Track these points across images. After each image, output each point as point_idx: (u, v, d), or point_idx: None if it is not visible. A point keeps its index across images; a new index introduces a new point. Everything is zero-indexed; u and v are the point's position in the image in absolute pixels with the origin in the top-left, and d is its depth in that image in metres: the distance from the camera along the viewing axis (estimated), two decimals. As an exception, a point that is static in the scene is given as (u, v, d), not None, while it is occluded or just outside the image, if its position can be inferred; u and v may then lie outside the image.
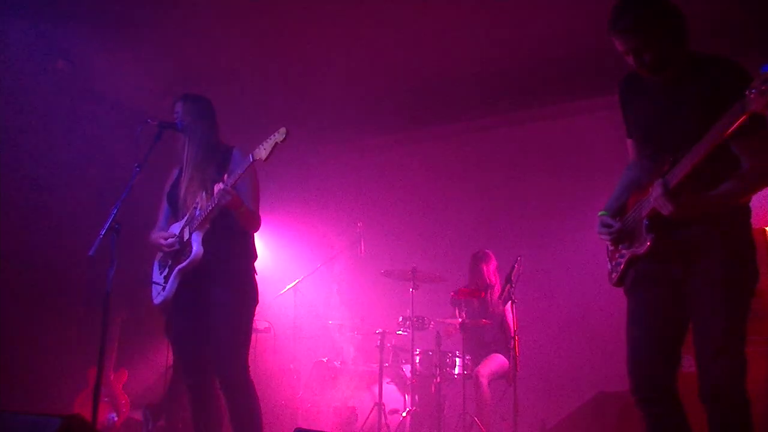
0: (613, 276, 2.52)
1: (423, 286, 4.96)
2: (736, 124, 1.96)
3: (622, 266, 2.45)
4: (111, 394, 5.30)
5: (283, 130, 2.86)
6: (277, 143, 2.86)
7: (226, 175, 3.01)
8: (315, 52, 5.29)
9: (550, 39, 5.05)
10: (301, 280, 5.66)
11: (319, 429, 3.13)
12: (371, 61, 5.43)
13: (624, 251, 2.45)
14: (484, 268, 5.18)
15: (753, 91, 1.89)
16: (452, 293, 4.95)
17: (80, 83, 5.48)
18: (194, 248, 3.04)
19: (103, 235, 2.86)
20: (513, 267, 4.53)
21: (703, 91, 2.25)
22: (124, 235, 2.89)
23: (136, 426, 5.16)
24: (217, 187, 2.96)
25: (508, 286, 4.52)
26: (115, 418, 5.28)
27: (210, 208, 2.99)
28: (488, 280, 5.15)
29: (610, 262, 2.55)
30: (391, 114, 6.28)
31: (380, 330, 4.97)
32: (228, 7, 4.71)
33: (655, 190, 2.19)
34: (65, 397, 5.19)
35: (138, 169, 3.05)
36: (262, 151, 2.89)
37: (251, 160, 2.92)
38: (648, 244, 2.28)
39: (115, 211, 2.91)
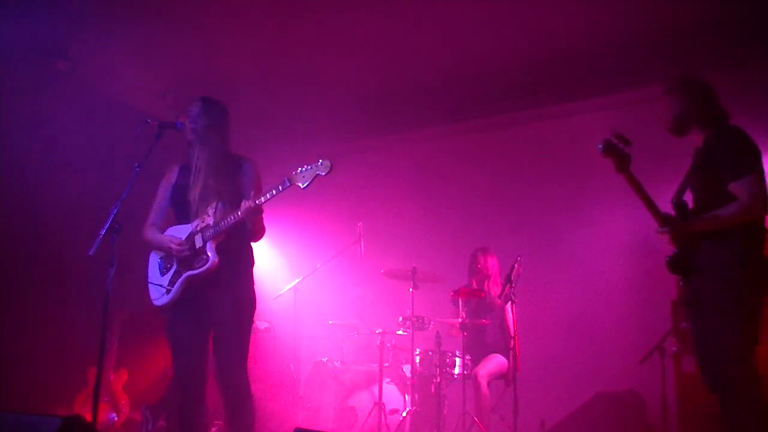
0: (679, 291, 3.36)
1: (423, 286, 4.96)
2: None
3: (682, 282, 3.11)
4: (111, 394, 5.31)
5: (327, 163, 2.93)
6: (318, 175, 2.92)
7: (253, 192, 3.06)
8: (315, 53, 5.29)
9: (549, 39, 5.05)
10: (301, 280, 5.66)
11: (319, 429, 3.14)
12: (371, 62, 5.43)
13: None
14: (481, 258, 5.18)
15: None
16: (452, 293, 4.94)
17: (80, 83, 5.48)
18: (211, 257, 3.11)
19: (103, 235, 2.87)
20: (513, 267, 4.52)
21: (707, 161, 2.94)
22: (124, 235, 2.89)
23: (136, 426, 5.17)
24: (245, 204, 3.01)
25: (508, 286, 4.52)
26: (115, 418, 5.29)
27: (232, 221, 3.06)
28: (486, 269, 5.15)
29: (679, 282, 3.31)
30: (390, 114, 6.28)
31: (380, 330, 4.97)
32: (228, 8, 4.71)
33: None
34: (65, 397, 5.20)
35: (138, 169, 3.06)
36: (301, 179, 2.96)
37: (288, 184, 2.98)
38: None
39: (115, 211, 2.92)
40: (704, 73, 4.72)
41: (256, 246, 3.38)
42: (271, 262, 6.58)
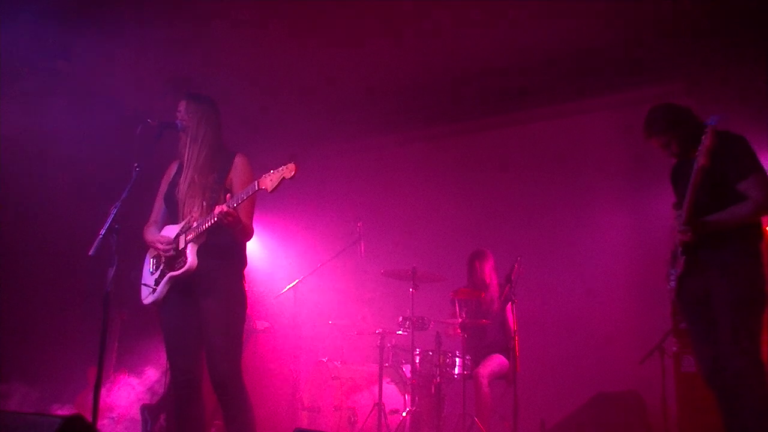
0: (671, 292, 3.30)
1: (423, 286, 4.95)
2: (696, 176, 2.94)
3: (674, 283, 3.23)
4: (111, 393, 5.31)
5: (292, 166, 2.84)
6: (284, 178, 2.86)
7: (228, 196, 3.05)
8: (314, 52, 5.29)
9: (548, 39, 5.05)
10: (301, 280, 5.66)
11: (319, 429, 3.14)
12: (371, 62, 5.43)
13: (673, 272, 3.25)
14: (478, 266, 5.17)
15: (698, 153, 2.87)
16: (452, 293, 4.94)
17: (80, 83, 5.48)
18: (189, 259, 3.09)
19: (103, 235, 2.87)
20: (513, 267, 4.52)
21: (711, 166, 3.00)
22: (124, 235, 2.89)
23: (135, 426, 5.16)
24: (219, 208, 2.97)
25: (508, 286, 4.52)
26: (116, 418, 5.29)
27: (209, 224, 3.03)
28: (484, 279, 5.14)
29: (669, 282, 3.33)
30: (390, 114, 6.28)
31: (380, 330, 4.97)
32: (228, 8, 4.72)
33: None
34: (65, 397, 5.20)
35: (138, 169, 3.06)
36: (268, 182, 2.90)
37: (256, 188, 2.94)
38: (682, 263, 3.12)
39: (115, 211, 2.91)
40: (704, 72, 4.72)
41: (256, 245, 3.35)
42: (271, 262, 6.58)
